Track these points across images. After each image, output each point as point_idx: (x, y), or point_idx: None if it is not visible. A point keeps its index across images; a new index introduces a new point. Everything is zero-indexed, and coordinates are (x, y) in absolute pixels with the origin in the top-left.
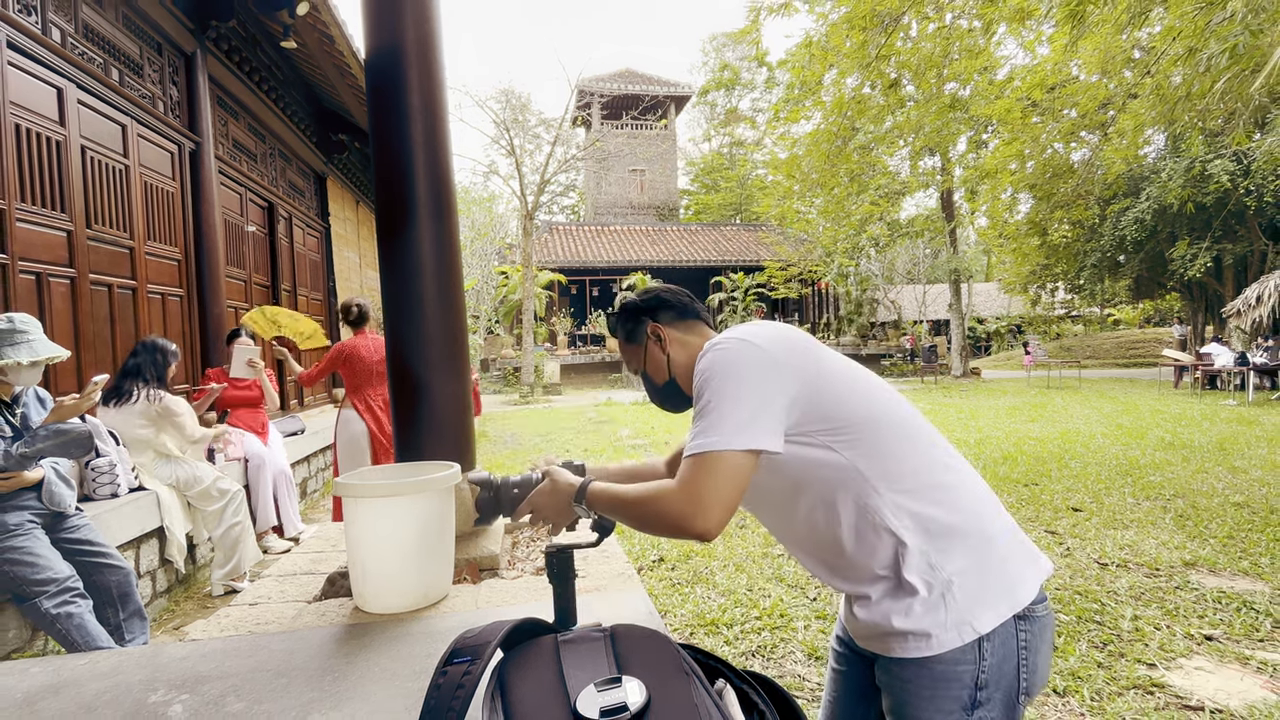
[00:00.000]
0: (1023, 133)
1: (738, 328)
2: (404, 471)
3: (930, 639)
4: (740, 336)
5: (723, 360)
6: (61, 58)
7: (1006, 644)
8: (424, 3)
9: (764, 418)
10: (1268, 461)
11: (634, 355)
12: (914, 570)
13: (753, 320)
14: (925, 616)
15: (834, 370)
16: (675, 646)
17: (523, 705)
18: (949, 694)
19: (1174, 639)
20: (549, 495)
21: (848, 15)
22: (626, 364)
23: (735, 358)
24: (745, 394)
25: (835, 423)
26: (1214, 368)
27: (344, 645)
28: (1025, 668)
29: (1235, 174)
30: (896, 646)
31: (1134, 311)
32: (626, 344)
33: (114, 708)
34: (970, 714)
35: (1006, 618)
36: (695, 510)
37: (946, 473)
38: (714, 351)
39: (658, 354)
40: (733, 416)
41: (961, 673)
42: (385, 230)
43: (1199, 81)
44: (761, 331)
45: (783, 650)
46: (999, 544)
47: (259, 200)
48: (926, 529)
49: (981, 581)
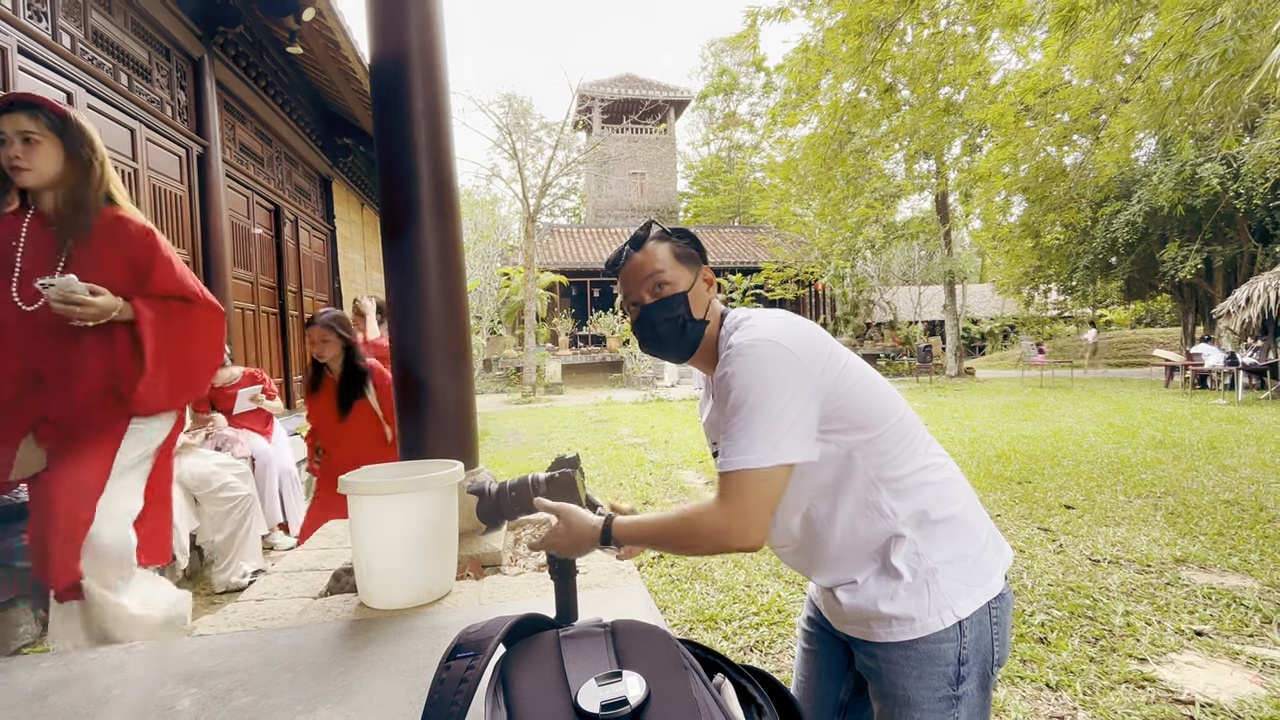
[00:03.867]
0: (1016, 137)
1: (762, 321)
2: (408, 470)
3: (914, 622)
4: (769, 338)
5: (757, 367)
6: (71, 63)
7: (981, 623)
8: (428, 9)
9: (798, 428)
10: (1257, 460)
11: (675, 273)
12: (902, 558)
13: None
14: (910, 601)
15: (849, 370)
16: (674, 642)
17: (524, 699)
18: (935, 670)
19: (1165, 634)
20: (564, 536)
21: (844, 21)
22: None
23: (768, 365)
24: (779, 406)
25: (847, 421)
26: (1204, 368)
27: (349, 640)
28: (998, 642)
29: (1225, 177)
30: (881, 630)
31: (1125, 312)
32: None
33: (123, 701)
34: (955, 688)
35: (983, 602)
36: (740, 526)
37: (939, 469)
38: (747, 355)
39: (704, 291)
40: (769, 431)
41: (946, 650)
42: (389, 232)
43: (1189, 86)
44: (788, 331)
45: (780, 645)
46: (979, 536)
47: (265, 203)
48: (919, 521)
49: (963, 570)
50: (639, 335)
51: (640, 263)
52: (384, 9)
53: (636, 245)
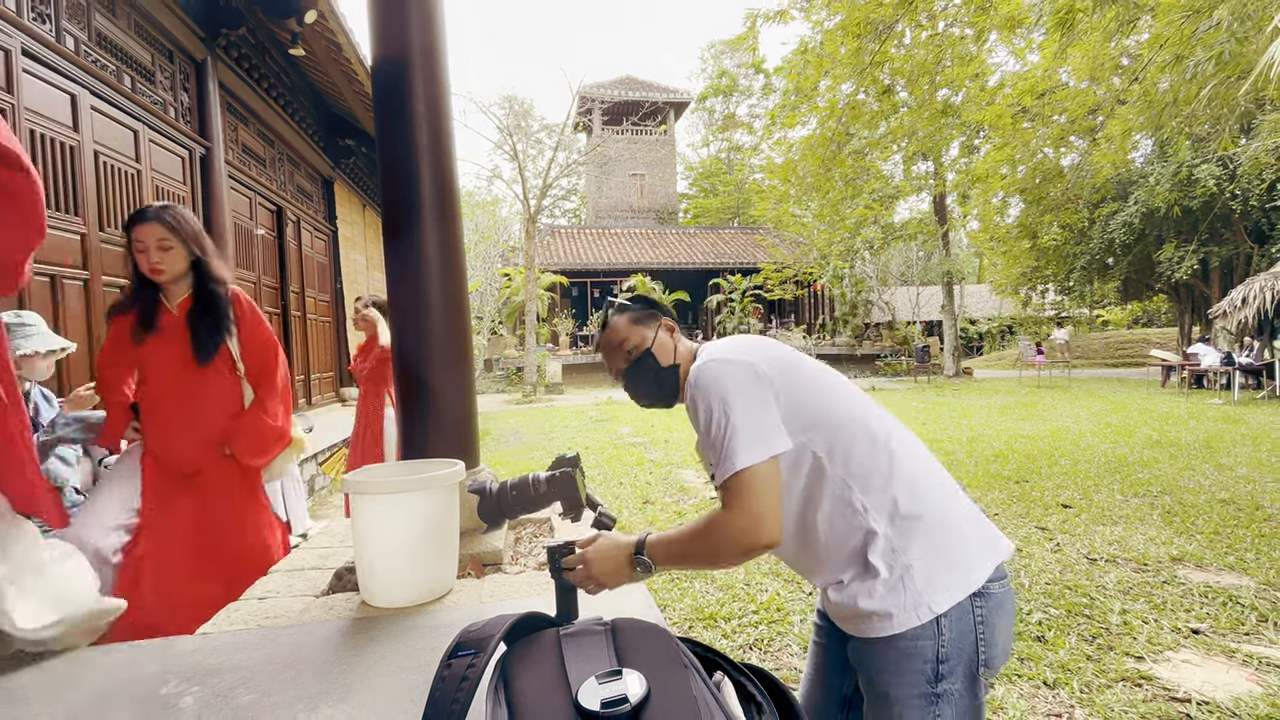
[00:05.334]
0: (1013, 138)
1: (710, 348)
2: (409, 469)
3: (892, 618)
4: (713, 358)
5: (713, 384)
6: (75, 65)
7: (964, 620)
8: (429, 11)
9: (767, 423)
10: (1253, 459)
11: (638, 337)
12: (878, 554)
13: (737, 330)
14: (887, 597)
15: (805, 374)
16: (674, 640)
17: (525, 697)
18: (913, 668)
19: (1161, 632)
20: (600, 561)
21: (843, 23)
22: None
23: (722, 380)
24: (745, 409)
25: (806, 420)
26: (1200, 368)
27: (351, 639)
28: (983, 642)
29: (1221, 178)
30: (865, 626)
31: (1122, 313)
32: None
33: (127, 699)
34: (935, 686)
35: (961, 598)
36: (754, 524)
37: (913, 462)
38: (702, 380)
39: (668, 340)
40: (744, 433)
41: (923, 648)
42: (391, 233)
43: (1185, 88)
44: (730, 347)
45: (779, 643)
46: (957, 531)
47: (268, 204)
48: (891, 517)
49: (937, 565)
50: (630, 395)
51: (609, 339)
52: (385, 12)
53: (604, 326)
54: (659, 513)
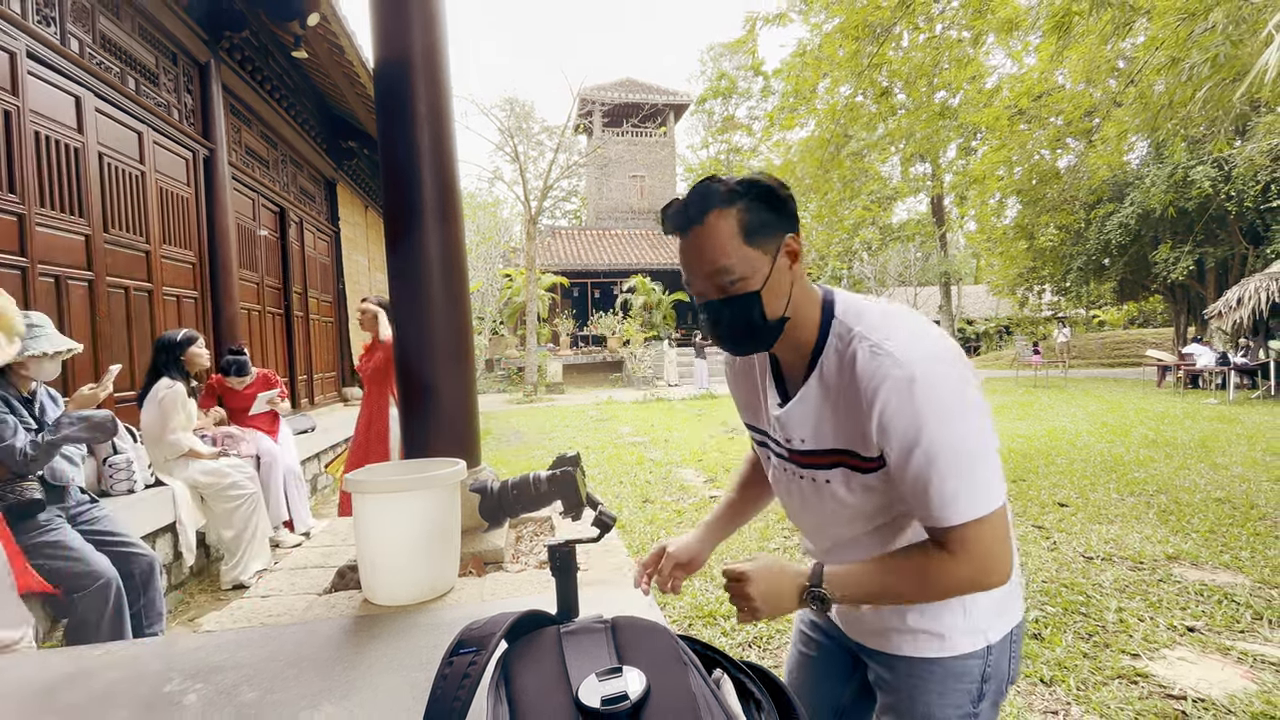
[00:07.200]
0: (1010, 140)
1: (902, 329)
2: (411, 468)
3: (944, 640)
4: (932, 356)
5: (935, 398)
6: (80, 67)
7: (1004, 645)
8: (430, 14)
9: (995, 454)
10: (1248, 458)
11: (747, 266)
12: None
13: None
14: (942, 617)
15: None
16: (674, 637)
17: (526, 694)
18: (959, 688)
19: (1157, 630)
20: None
21: (841, 25)
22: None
23: (946, 394)
24: (976, 438)
25: None
26: (1196, 368)
27: (353, 636)
28: (1013, 659)
29: (1217, 180)
30: (906, 644)
31: (1118, 313)
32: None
33: (131, 696)
34: (976, 706)
35: (1012, 627)
36: (984, 574)
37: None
38: (919, 382)
39: (786, 276)
40: (986, 472)
41: (972, 668)
42: (393, 234)
43: (1181, 90)
44: (942, 345)
45: (778, 641)
46: (1016, 560)
47: (271, 205)
48: None
49: (1002, 595)
50: (704, 329)
51: (699, 246)
52: (387, 14)
53: (694, 218)
54: (659, 512)
